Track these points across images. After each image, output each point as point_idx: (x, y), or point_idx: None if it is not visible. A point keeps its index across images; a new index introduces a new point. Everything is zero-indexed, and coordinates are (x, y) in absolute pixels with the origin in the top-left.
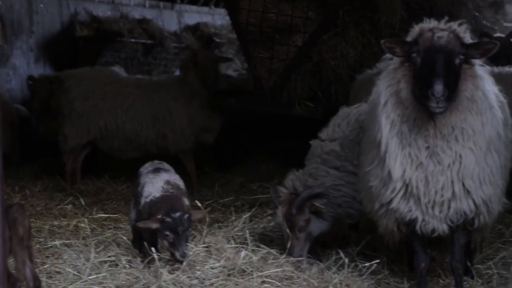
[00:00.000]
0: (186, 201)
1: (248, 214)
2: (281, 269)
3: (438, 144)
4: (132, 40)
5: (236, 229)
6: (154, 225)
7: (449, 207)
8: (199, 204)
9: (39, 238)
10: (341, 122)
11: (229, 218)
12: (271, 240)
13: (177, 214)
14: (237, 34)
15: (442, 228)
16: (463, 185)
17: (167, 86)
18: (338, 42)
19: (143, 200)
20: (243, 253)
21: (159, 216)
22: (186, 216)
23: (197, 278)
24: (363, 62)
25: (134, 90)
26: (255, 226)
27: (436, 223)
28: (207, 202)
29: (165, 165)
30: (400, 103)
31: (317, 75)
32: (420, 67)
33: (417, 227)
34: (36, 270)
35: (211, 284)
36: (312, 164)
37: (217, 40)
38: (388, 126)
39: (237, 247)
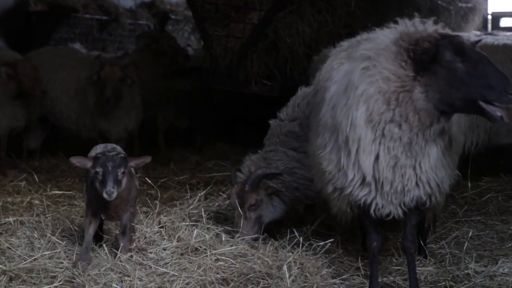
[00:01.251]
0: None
1: (203, 192)
2: (235, 246)
3: (419, 141)
4: (87, 16)
5: (191, 207)
6: (88, 164)
7: (407, 194)
8: (150, 182)
9: None
10: (301, 102)
11: (184, 196)
12: (226, 218)
13: (112, 153)
14: (193, 12)
15: (397, 212)
16: (425, 175)
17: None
18: (294, 20)
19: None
20: (195, 232)
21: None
22: (122, 155)
23: (151, 258)
24: (319, 40)
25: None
26: (210, 204)
27: (392, 208)
28: (162, 180)
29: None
30: (401, 109)
31: (273, 53)
32: (468, 73)
33: (372, 211)
34: None
35: (165, 262)
36: (270, 146)
37: (173, 17)
38: (367, 127)
39: (191, 225)
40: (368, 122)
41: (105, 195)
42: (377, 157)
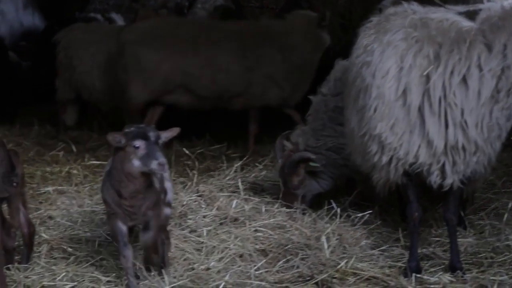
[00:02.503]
0: None
1: (239, 163)
2: (274, 219)
3: None
4: None
5: (227, 177)
6: (122, 140)
7: (473, 165)
8: (187, 152)
9: (32, 184)
10: (341, 76)
11: (221, 166)
12: (262, 189)
13: (142, 125)
14: None
15: (457, 182)
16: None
17: None
18: None
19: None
20: (235, 202)
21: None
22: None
23: (188, 227)
24: (352, 10)
25: None
26: (247, 175)
27: (455, 177)
28: (198, 151)
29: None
30: None
31: None
32: None
33: (433, 181)
34: (30, 215)
35: (203, 233)
36: (317, 121)
37: None
38: (486, 100)
39: (229, 196)
40: (495, 91)
41: (156, 168)
42: (481, 127)
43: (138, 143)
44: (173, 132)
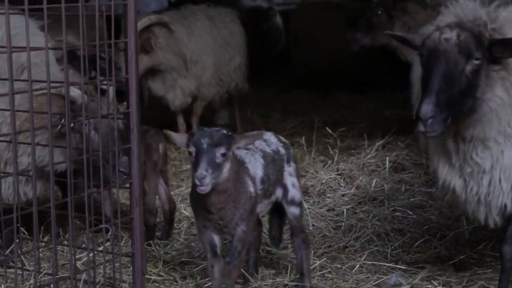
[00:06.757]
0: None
1: (381, 142)
2: (413, 199)
3: None
4: None
5: (368, 156)
6: (184, 141)
7: None
8: (330, 131)
9: (174, 161)
10: None
11: (362, 145)
12: (403, 168)
13: (212, 129)
14: None
15: None
16: None
17: None
18: None
19: None
20: (374, 181)
21: None
22: (226, 132)
23: (327, 205)
24: None
25: None
26: (388, 154)
27: None
28: (340, 129)
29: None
30: None
31: None
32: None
33: None
34: (172, 193)
35: (341, 211)
36: None
37: None
38: None
39: (369, 175)
40: None
41: (196, 182)
42: None
43: (191, 149)
44: (255, 136)
